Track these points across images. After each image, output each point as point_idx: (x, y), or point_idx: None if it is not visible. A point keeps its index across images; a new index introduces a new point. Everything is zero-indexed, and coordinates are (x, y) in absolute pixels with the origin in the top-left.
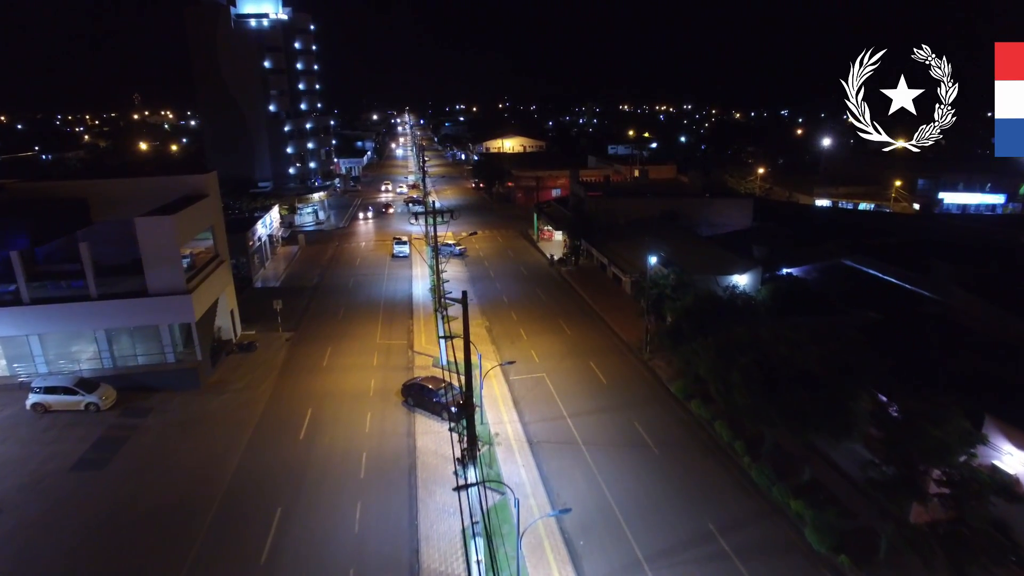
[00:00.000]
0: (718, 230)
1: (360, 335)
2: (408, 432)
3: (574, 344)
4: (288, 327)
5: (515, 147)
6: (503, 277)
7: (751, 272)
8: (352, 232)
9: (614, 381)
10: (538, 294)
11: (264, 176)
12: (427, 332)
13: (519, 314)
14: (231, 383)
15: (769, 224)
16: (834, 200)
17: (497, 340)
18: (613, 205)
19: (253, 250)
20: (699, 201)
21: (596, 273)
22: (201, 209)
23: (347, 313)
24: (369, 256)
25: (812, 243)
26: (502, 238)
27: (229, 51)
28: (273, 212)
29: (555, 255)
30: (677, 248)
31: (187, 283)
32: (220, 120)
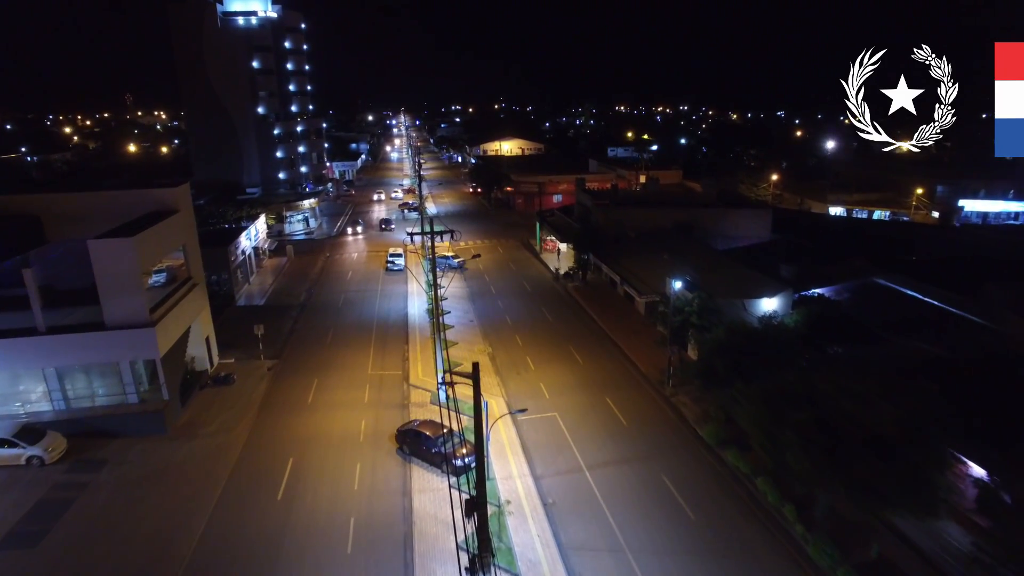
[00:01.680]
0: (734, 243)
1: (350, 364)
2: (403, 490)
3: (587, 375)
4: (271, 354)
5: (513, 149)
6: (505, 293)
7: (781, 295)
8: (344, 241)
9: (635, 422)
10: (544, 314)
11: (252, 181)
12: (424, 360)
13: (525, 338)
14: (203, 425)
15: (788, 237)
16: (848, 208)
17: (502, 370)
18: (622, 216)
19: (236, 265)
20: (714, 212)
21: (605, 290)
22: (170, 227)
23: (336, 337)
24: (361, 269)
25: (834, 258)
26: (503, 248)
27: (215, 50)
28: (259, 222)
29: (560, 269)
30: (696, 266)
31: (151, 313)
32: (206, 123)
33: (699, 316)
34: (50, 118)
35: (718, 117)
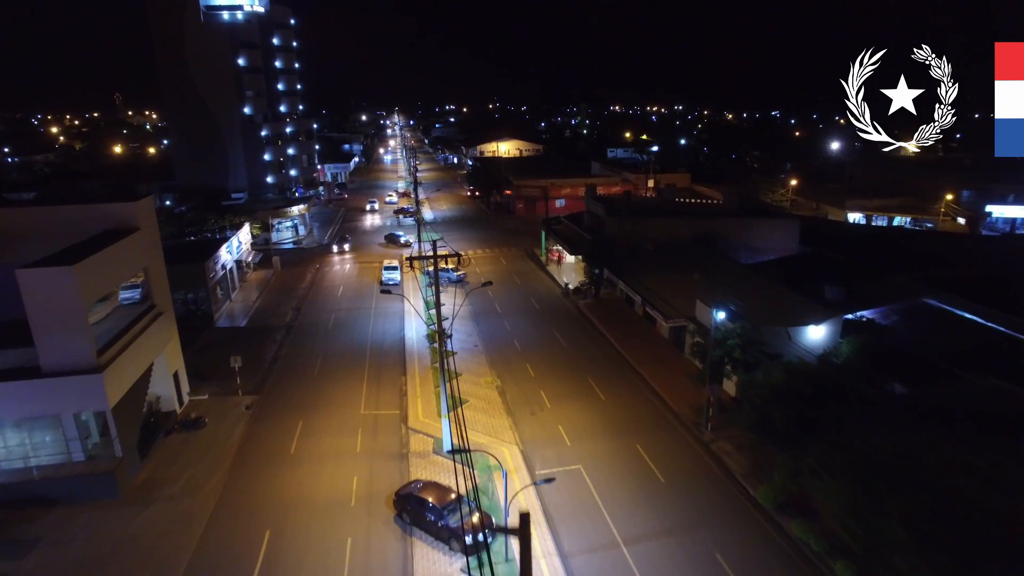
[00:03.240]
0: (759, 256)
1: (339, 401)
2: (403, 571)
3: (611, 415)
4: (250, 388)
5: (511, 150)
6: (512, 312)
7: (829, 321)
8: (335, 251)
9: (673, 477)
10: (556, 337)
11: (239, 186)
12: (424, 394)
13: (537, 367)
14: (165, 483)
15: (818, 250)
16: (867, 214)
17: (513, 408)
18: (637, 226)
19: (215, 281)
20: (738, 222)
21: (621, 308)
22: (127, 249)
23: (325, 366)
24: (353, 283)
25: (870, 273)
26: (505, 259)
27: (198, 46)
28: (243, 232)
29: (569, 283)
30: (727, 286)
31: (100, 355)
32: (189, 124)
33: (743, 350)
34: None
35: (714, 117)
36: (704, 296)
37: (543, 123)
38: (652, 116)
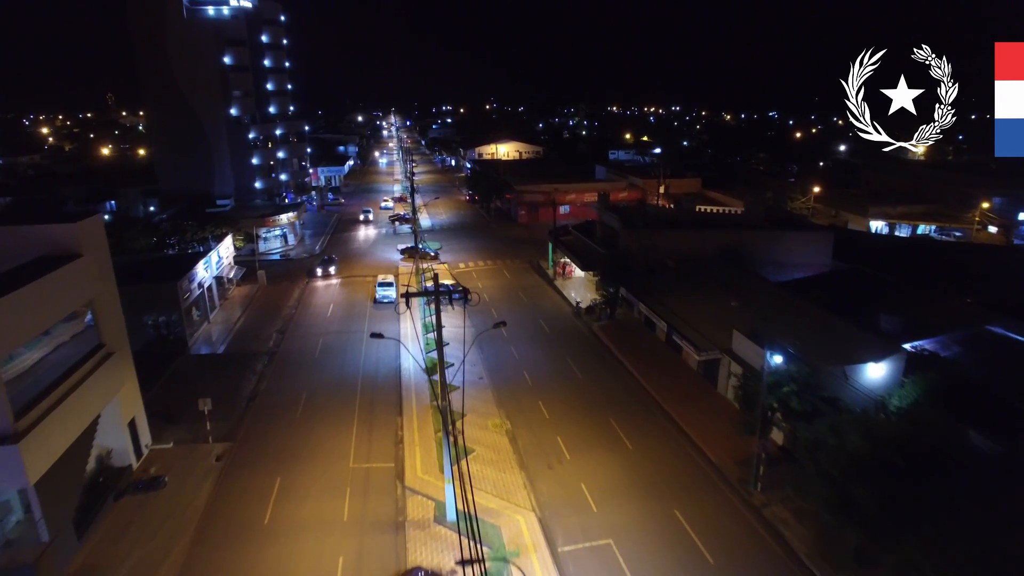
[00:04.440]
0: (788, 272)
1: (325, 450)
2: None
3: (641, 469)
4: (223, 432)
5: (510, 152)
6: (520, 336)
7: (892, 358)
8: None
9: (724, 557)
10: (570, 367)
11: (225, 191)
12: (423, 441)
13: (551, 405)
14: (106, 570)
15: (854, 266)
16: (890, 222)
17: (527, 460)
18: (656, 240)
19: (190, 302)
20: (766, 235)
21: (639, 331)
22: (62, 281)
23: (310, 405)
24: (344, 301)
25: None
26: (509, 271)
27: (180, 43)
28: (225, 244)
29: (581, 302)
30: (765, 313)
31: (17, 420)
32: (171, 126)
33: (800, 397)
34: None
35: (712, 118)
36: (742, 325)
37: (540, 124)
38: (650, 117)
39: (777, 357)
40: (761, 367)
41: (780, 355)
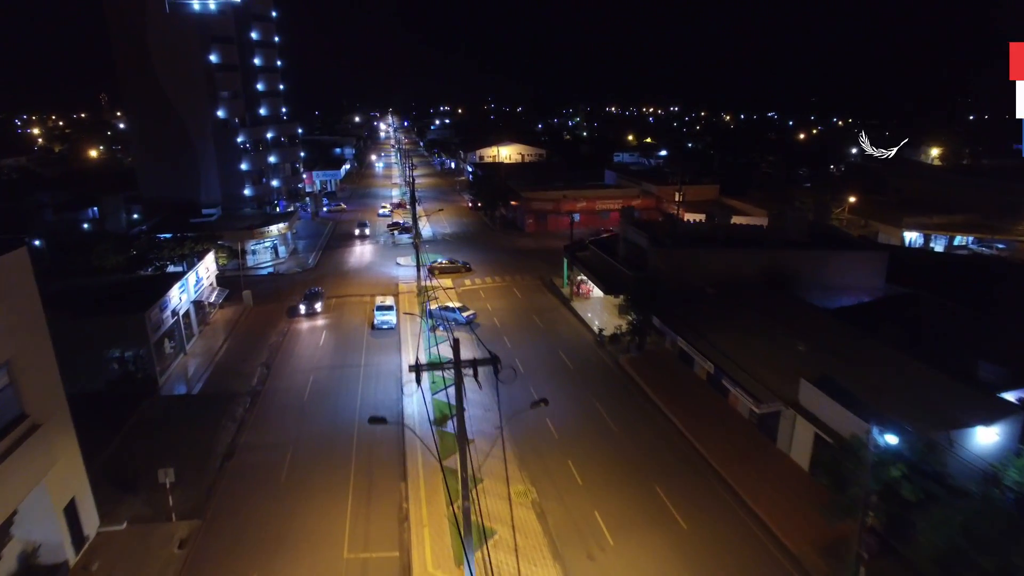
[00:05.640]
0: (835, 297)
1: (314, 533)
2: None
3: (704, 562)
4: (189, 505)
5: (512, 155)
6: (539, 371)
7: (1006, 421)
8: (321, 278)
9: None
10: (601, 414)
11: (211, 199)
12: (433, 517)
13: (584, 466)
14: None
15: (913, 290)
16: (926, 233)
17: (560, 545)
18: (690, 261)
19: (162, 334)
20: (814, 255)
21: (673, 366)
22: None
23: (296, 466)
24: (338, 326)
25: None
26: (519, 290)
27: (163, 40)
28: (205, 263)
29: (604, 329)
30: (835, 357)
31: None
32: (153, 129)
33: (910, 481)
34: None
35: (711, 118)
36: (807, 368)
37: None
38: (649, 117)
39: (892, 438)
40: (862, 443)
41: (890, 432)
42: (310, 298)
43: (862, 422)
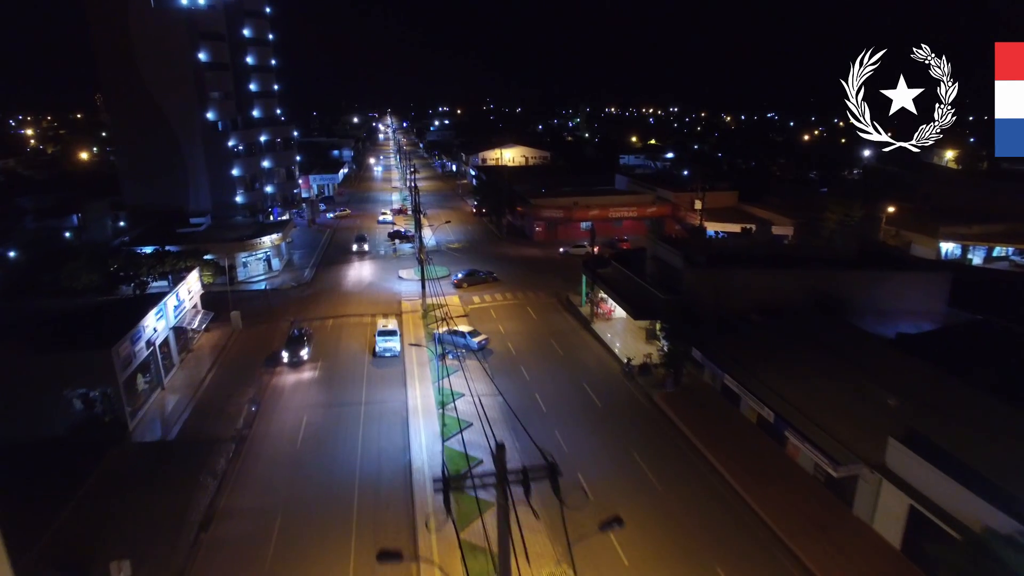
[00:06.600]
0: (891, 323)
1: None
2: None
3: None
4: None
5: (515, 158)
6: (561, 411)
7: None
8: (316, 296)
9: None
10: (640, 468)
11: (201, 207)
12: None
13: (628, 542)
14: None
15: (983, 316)
16: (963, 244)
17: None
18: (728, 281)
19: (133, 370)
20: (866, 276)
21: (716, 404)
22: None
23: (286, 539)
24: (335, 353)
25: None
26: (533, 308)
27: (147, 36)
28: (188, 284)
29: (632, 358)
30: (928, 411)
31: None
32: (138, 132)
33: None
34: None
35: (711, 119)
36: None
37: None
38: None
39: None
40: (1000, 539)
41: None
42: (293, 343)
43: (995, 511)
